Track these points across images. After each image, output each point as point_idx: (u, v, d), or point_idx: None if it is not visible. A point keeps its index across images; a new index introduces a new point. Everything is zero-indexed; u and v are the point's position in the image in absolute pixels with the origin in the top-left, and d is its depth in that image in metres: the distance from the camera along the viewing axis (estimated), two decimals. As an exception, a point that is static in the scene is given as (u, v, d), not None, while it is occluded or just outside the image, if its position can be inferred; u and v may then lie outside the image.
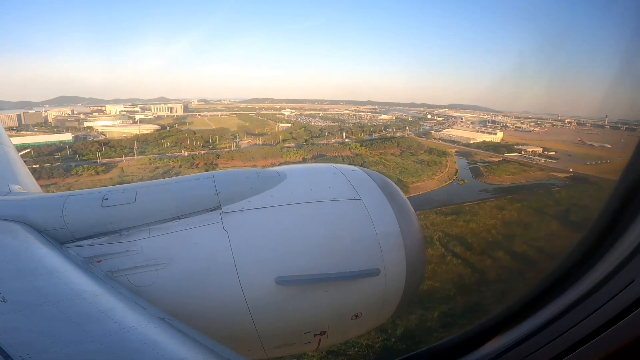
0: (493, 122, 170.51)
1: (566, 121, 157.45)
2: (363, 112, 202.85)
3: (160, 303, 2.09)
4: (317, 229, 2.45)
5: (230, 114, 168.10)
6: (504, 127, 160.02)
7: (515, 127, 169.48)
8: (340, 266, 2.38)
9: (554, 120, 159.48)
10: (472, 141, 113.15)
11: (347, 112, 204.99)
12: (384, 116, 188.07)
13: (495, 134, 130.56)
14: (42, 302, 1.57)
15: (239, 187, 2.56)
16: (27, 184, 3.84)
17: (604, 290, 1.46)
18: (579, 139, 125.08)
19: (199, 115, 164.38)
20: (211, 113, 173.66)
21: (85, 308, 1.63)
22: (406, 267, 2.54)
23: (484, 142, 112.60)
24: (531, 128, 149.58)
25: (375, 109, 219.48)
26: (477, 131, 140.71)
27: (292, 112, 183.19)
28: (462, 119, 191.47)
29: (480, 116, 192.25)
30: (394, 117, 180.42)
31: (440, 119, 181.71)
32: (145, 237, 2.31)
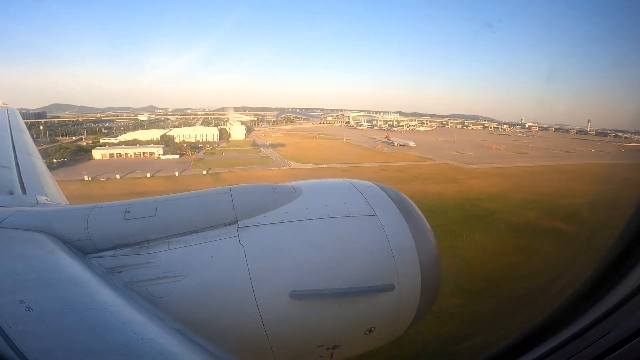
0: (368, 121, 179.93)
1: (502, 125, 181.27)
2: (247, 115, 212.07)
3: (177, 314, 2.12)
4: (332, 245, 2.45)
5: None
6: (373, 125, 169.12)
7: (389, 125, 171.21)
8: (354, 281, 2.36)
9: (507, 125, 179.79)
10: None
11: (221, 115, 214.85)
12: (245, 118, 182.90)
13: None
14: (65, 312, 1.60)
15: (255, 202, 2.58)
16: (53, 194, 3.95)
17: (623, 311, 1.46)
18: (386, 134, 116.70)
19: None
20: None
21: (106, 319, 1.64)
22: (421, 282, 2.50)
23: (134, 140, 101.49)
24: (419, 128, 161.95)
25: (290, 111, 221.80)
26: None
27: (148, 117, 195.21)
28: (349, 118, 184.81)
29: (372, 115, 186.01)
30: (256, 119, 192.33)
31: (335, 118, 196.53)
32: (165, 249, 2.35)
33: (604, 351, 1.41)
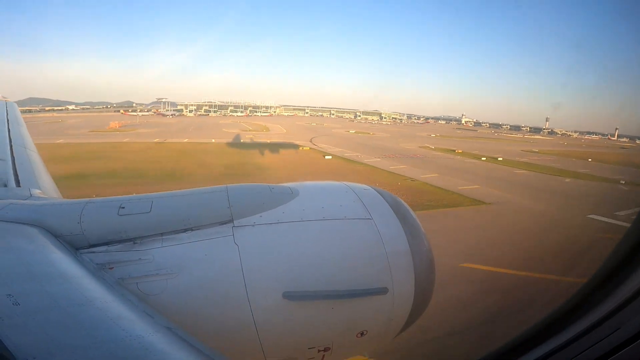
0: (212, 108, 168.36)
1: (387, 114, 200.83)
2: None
3: (168, 312, 2.10)
4: (327, 247, 2.45)
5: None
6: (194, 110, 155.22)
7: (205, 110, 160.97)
8: (348, 284, 2.37)
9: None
10: None
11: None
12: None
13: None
14: (53, 307, 1.56)
15: (251, 201, 2.58)
16: (47, 188, 3.93)
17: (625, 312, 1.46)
18: (155, 110, 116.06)
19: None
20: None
21: (95, 314, 1.61)
22: (415, 286, 2.52)
23: None
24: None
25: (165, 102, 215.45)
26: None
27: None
28: (194, 110, 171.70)
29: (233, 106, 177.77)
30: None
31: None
32: (158, 246, 2.34)
33: (608, 351, 1.39)
